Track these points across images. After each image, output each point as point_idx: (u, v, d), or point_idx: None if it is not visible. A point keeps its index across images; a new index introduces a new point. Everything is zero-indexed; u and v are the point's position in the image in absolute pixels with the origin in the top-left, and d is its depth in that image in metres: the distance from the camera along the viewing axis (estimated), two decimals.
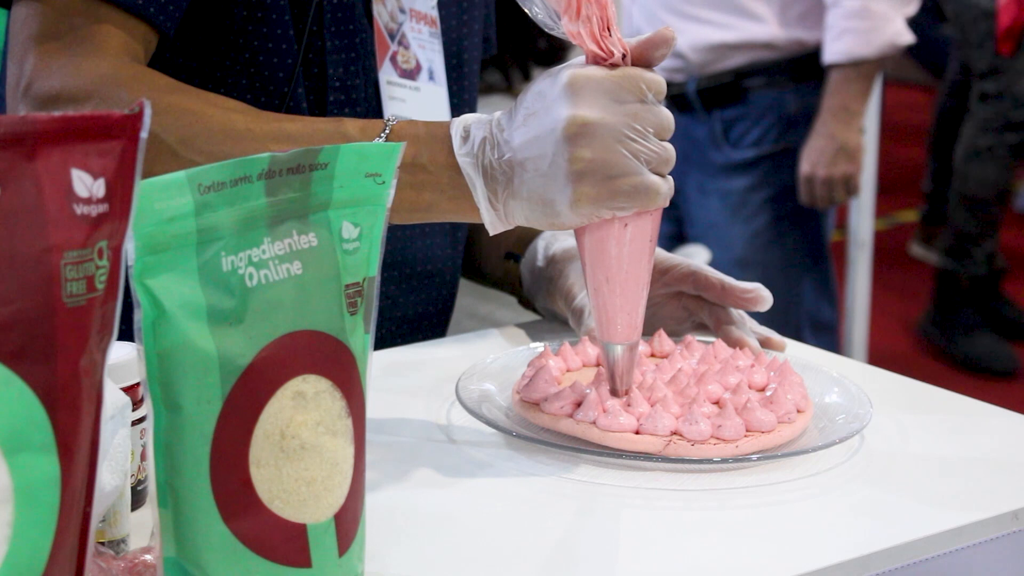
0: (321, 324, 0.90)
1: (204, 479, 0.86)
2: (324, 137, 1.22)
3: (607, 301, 1.20)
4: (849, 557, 1.04)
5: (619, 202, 1.16)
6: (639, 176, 1.16)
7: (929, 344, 4.34)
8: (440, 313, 1.57)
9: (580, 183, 1.16)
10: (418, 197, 1.21)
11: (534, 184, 1.17)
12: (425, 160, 1.20)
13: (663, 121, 1.17)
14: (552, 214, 1.18)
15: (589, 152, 1.15)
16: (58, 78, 1.24)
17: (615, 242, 1.18)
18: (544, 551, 1.05)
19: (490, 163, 1.19)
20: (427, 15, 1.50)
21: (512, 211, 1.19)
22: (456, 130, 1.20)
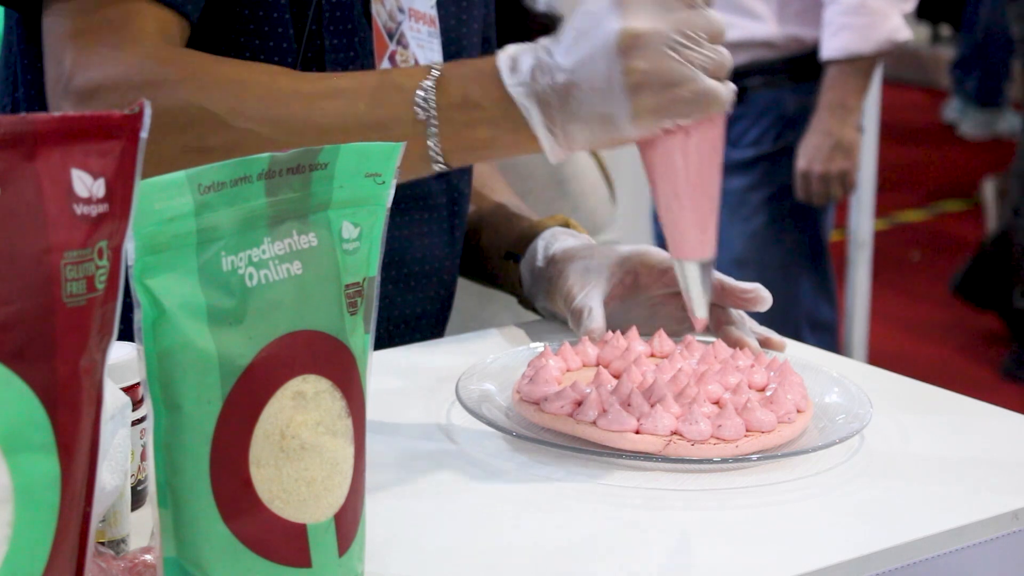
0: (321, 324, 0.90)
1: (204, 479, 0.86)
2: (372, 88, 1.22)
3: (677, 216, 1.20)
4: (849, 557, 1.04)
5: (680, 110, 1.16)
6: (697, 82, 1.16)
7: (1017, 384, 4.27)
8: (438, 313, 1.57)
9: (638, 95, 1.16)
10: (474, 135, 1.21)
11: (591, 102, 1.17)
12: (476, 96, 1.21)
13: (714, 25, 1.17)
14: (613, 130, 1.17)
15: (644, 63, 1.15)
16: (98, 70, 1.24)
17: (680, 153, 1.18)
18: (544, 551, 1.05)
19: (543, 89, 1.19)
20: (426, 15, 1.50)
21: (571, 134, 1.19)
22: (503, 62, 1.20)
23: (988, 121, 6.80)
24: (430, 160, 1.22)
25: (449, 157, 1.22)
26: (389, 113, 1.22)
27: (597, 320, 1.37)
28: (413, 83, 1.22)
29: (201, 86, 1.23)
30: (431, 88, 1.21)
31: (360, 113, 1.22)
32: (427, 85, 1.22)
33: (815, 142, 2.85)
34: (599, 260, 1.43)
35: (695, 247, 1.21)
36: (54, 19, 1.29)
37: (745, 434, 1.18)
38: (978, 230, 5.61)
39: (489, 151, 1.23)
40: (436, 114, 1.21)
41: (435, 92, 1.21)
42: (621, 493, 1.14)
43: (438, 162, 1.22)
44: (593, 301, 1.39)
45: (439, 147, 1.22)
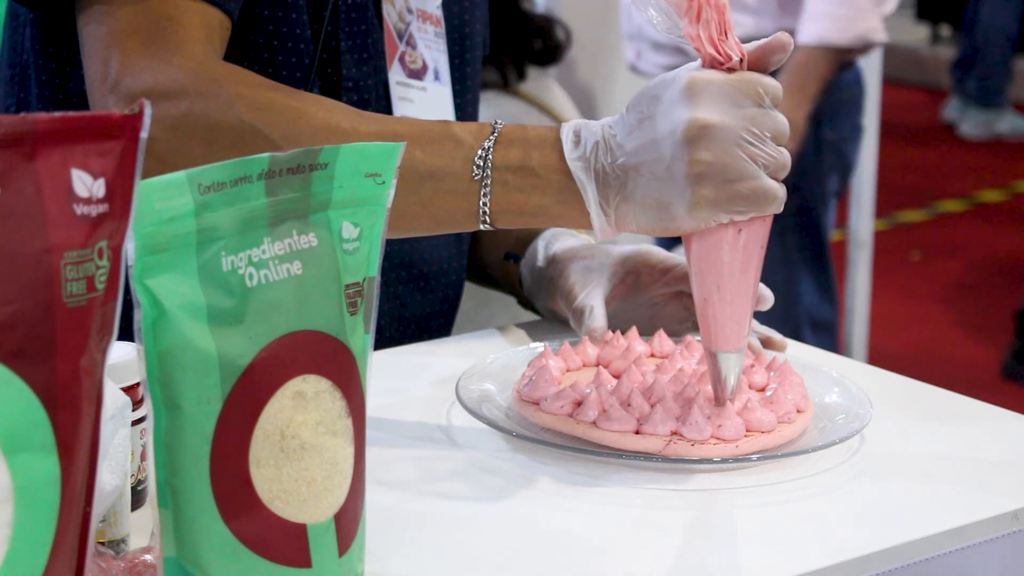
0: (321, 324, 0.90)
1: (204, 479, 0.86)
2: (431, 137, 1.22)
3: (717, 310, 1.19)
4: (849, 557, 1.04)
5: (738, 206, 1.16)
6: (758, 180, 1.16)
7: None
8: (446, 313, 1.57)
9: (699, 186, 1.15)
10: (527, 201, 1.21)
11: (650, 188, 1.17)
12: (535, 163, 1.20)
13: (780, 126, 1.17)
14: (667, 218, 1.17)
15: (709, 155, 1.15)
16: (149, 74, 1.23)
17: (728, 248, 1.17)
18: (544, 551, 1.05)
19: (602, 167, 1.19)
20: (432, 15, 1.50)
21: (623, 216, 1.19)
22: (567, 134, 1.20)
23: (988, 121, 6.80)
24: (477, 218, 1.22)
25: (496, 218, 1.22)
26: (446, 165, 1.21)
27: (598, 319, 1.37)
28: (474, 139, 1.22)
29: (257, 107, 1.22)
30: (491, 148, 1.21)
31: (417, 160, 1.21)
32: (487, 145, 1.21)
33: None
34: (600, 260, 1.43)
35: (731, 340, 1.20)
36: (94, 20, 1.27)
37: (745, 434, 1.18)
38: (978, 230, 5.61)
39: (537, 219, 1.22)
40: (492, 174, 1.21)
41: (494, 152, 1.21)
42: (621, 493, 1.14)
43: (485, 222, 1.22)
44: (594, 300, 1.39)
45: (489, 207, 1.21)
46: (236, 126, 1.22)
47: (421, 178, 1.21)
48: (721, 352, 1.20)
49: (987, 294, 4.95)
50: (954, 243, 5.48)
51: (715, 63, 1.17)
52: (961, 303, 4.86)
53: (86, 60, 1.28)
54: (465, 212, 1.22)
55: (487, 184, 1.21)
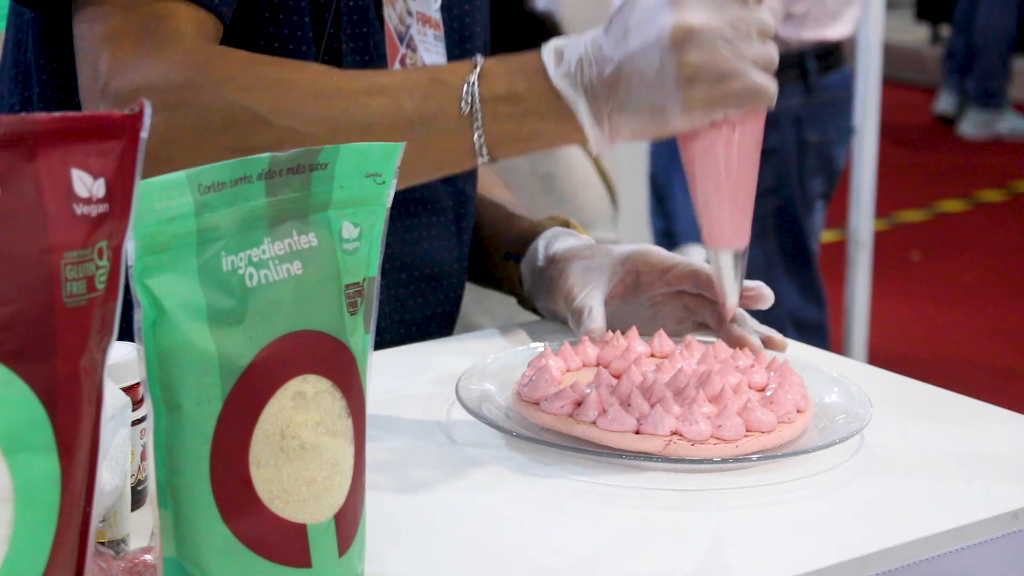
0: (321, 324, 0.90)
1: (204, 479, 0.86)
2: (417, 84, 1.24)
3: (716, 208, 1.23)
4: (849, 557, 1.04)
5: (731, 103, 1.19)
6: (748, 76, 1.19)
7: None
8: (448, 315, 1.57)
9: (691, 88, 1.18)
10: (519, 128, 1.23)
11: (642, 94, 1.19)
12: (521, 89, 1.22)
13: (764, 23, 1.21)
14: (662, 122, 1.20)
15: (698, 56, 1.18)
16: (136, 73, 1.24)
17: (724, 145, 1.21)
18: (544, 551, 1.05)
19: (590, 81, 1.21)
20: (432, 18, 1.50)
21: (618, 125, 1.21)
22: (548, 54, 1.22)
23: (988, 121, 6.80)
24: (475, 154, 1.24)
25: (494, 150, 1.24)
26: (435, 108, 1.23)
27: (597, 320, 1.37)
28: (458, 78, 1.23)
29: (243, 86, 1.23)
30: (475, 82, 1.23)
31: (405, 109, 1.23)
32: (471, 80, 1.23)
33: None
34: (600, 260, 1.43)
35: (730, 237, 1.24)
36: (87, 22, 1.28)
37: (745, 434, 1.18)
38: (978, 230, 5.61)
39: (534, 143, 1.25)
40: (481, 107, 1.23)
41: (479, 86, 1.23)
42: (621, 493, 1.14)
43: (483, 155, 1.24)
44: (594, 301, 1.39)
45: (484, 140, 1.23)
46: (224, 108, 1.22)
47: (413, 125, 1.23)
48: (720, 250, 1.24)
49: (987, 294, 4.95)
50: (954, 243, 5.48)
51: None
52: (961, 303, 4.86)
53: (78, 64, 1.28)
54: (462, 150, 1.24)
55: (478, 118, 1.23)
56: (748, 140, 1.21)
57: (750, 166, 1.22)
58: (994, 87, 6.80)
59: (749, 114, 1.21)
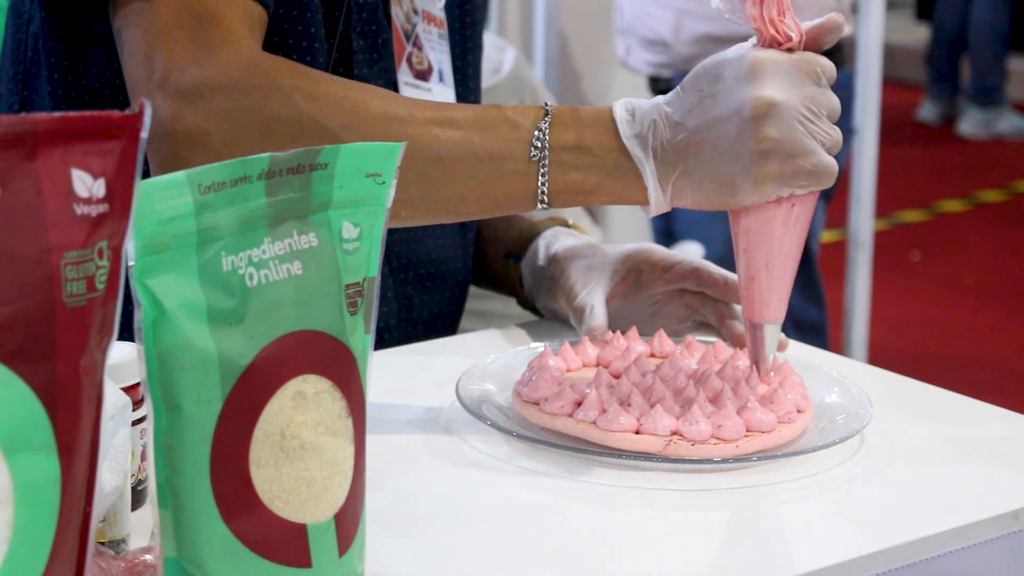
0: (321, 324, 0.90)
1: (204, 479, 0.86)
2: (487, 122, 1.24)
3: (763, 283, 1.24)
4: (849, 557, 1.04)
5: (800, 180, 1.20)
6: (818, 155, 1.20)
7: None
8: (452, 314, 1.57)
9: (765, 162, 1.19)
10: (583, 180, 1.23)
11: (713, 164, 1.20)
12: (590, 142, 1.23)
13: (834, 104, 1.22)
14: (728, 193, 1.21)
15: (775, 131, 1.19)
16: (197, 69, 1.23)
17: (781, 222, 1.22)
18: (544, 551, 1.05)
19: (660, 144, 1.22)
20: (436, 17, 1.50)
21: (680, 191, 1.22)
22: (620, 113, 1.23)
23: (988, 120, 6.80)
24: (536, 199, 1.24)
25: (555, 198, 1.24)
26: (504, 148, 1.23)
27: (599, 318, 1.37)
28: (529, 122, 1.24)
29: (313, 98, 1.23)
30: (547, 129, 1.23)
31: (475, 145, 1.23)
32: (543, 126, 1.23)
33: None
34: (601, 259, 1.43)
35: (773, 312, 1.25)
36: (134, 16, 1.27)
37: (745, 434, 1.18)
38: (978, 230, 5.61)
39: (594, 196, 1.25)
40: (549, 155, 1.23)
41: (550, 132, 1.23)
42: (621, 493, 1.14)
43: (543, 202, 1.24)
44: (595, 299, 1.39)
45: (547, 187, 1.23)
46: (294, 118, 1.22)
47: (480, 161, 1.23)
48: (767, 323, 1.25)
49: (987, 294, 4.95)
50: (954, 243, 5.48)
51: (775, 42, 1.21)
52: (961, 303, 4.86)
53: (126, 58, 1.27)
54: (523, 193, 1.24)
55: (545, 164, 1.23)
56: (804, 218, 1.23)
57: (800, 245, 1.24)
58: (991, 85, 6.80)
59: (811, 194, 1.22)
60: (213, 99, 1.21)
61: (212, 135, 1.20)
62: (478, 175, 1.23)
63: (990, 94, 6.81)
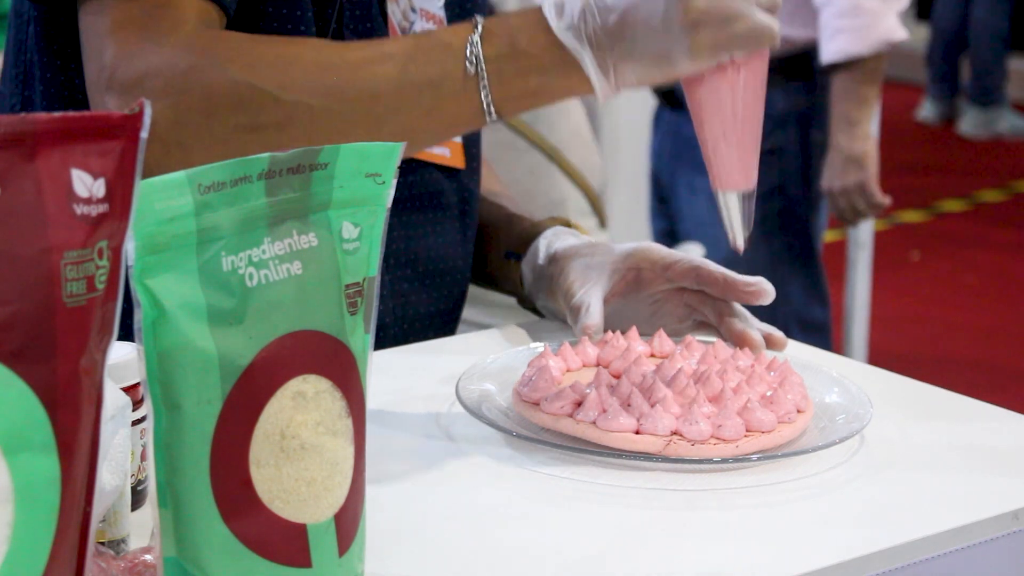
0: (321, 324, 0.90)
1: (204, 479, 0.86)
2: (420, 49, 1.24)
3: (723, 150, 1.24)
4: (849, 557, 1.04)
5: (737, 45, 1.20)
6: (753, 18, 1.20)
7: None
8: (451, 311, 1.57)
9: (697, 31, 1.19)
10: (525, 84, 1.24)
11: (647, 41, 1.21)
12: (524, 45, 1.24)
13: None
14: (668, 67, 1.21)
15: (702, 1, 1.19)
16: (141, 60, 1.24)
17: (729, 87, 1.22)
18: (544, 551, 1.05)
19: (594, 31, 1.22)
20: (435, 15, 1.50)
21: (623, 73, 1.22)
22: (548, 8, 1.23)
23: (988, 120, 6.80)
24: (484, 113, 1.25)
25: (502, 108, 1.25)
26: (439, 71, 1.24)
27: (594, 316, 1.37)
28: (460, 39, 1.24)
29: (247, 64, 1.24)
30: (478, 42, 1.24)
31: (411, 74, 1.24)
32: (474, 39, 1.24)
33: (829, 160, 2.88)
34: (601, 258, 1.43)
35: (738, 179, 1.25)
36: (91, 15, 1.28)
37: (745, 434, 1.18)
38: (978, 230, 5.61)
39: (540, 98, 1.26)
40: (485, 66, 1.24)
41: (483, 45, 1.24)
42: (621, 493, 1.14)
43: (491, 114, 1.25)
44: (592, 297, 1.39)
45: (491, 99, 1.24)
46: (231, 88, 1.23)
47: (420, 89, 1.24)
48: (728, 192, 1.25)
49: (987, 294, 4.96)
50: (954, 243, 5.48)
51: None
52: (961, 303, 4.86)
53: (84, 57, 1.28)
54: (470, 110, 1.25)
55: (484, 78, 1.23)
56: (753, 81, 1.23)
57: (756, 107, 1.24)
58: (991, 85, 6.81)
59: (754, 55, 1.22)
60: (151, 84, 1.23)
61: (157, 123, 1.21)
62: (421, 103, 1.24)
63: (990, 94, 6.82)
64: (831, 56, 2.85)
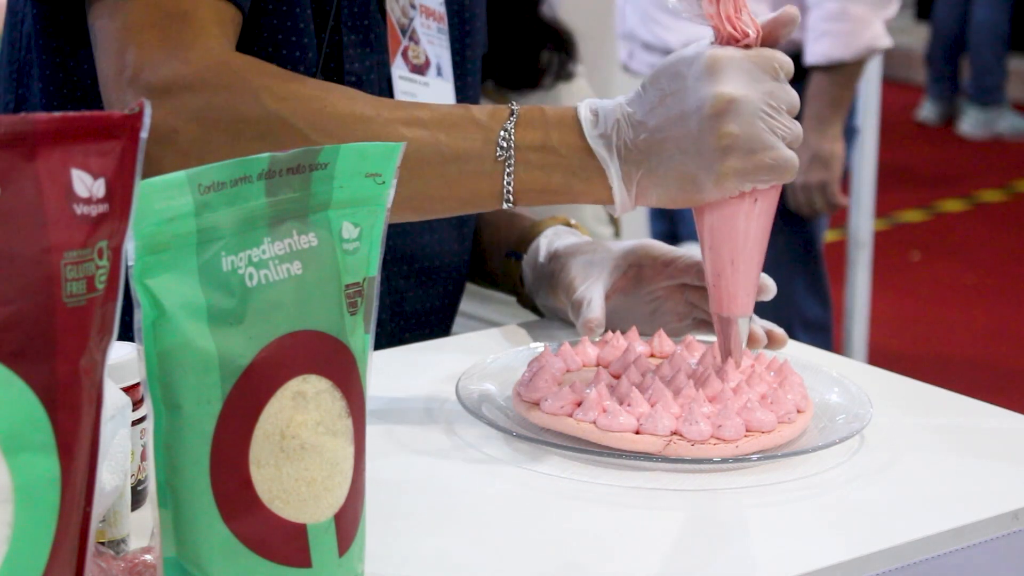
0: (321, 324, 0.90)
1: (204, 479, 0.86)
2: (453, 121, 1.25)
3: (730, 278, 1.25)
4: (849, 557, 1.04)
5: (762, 175, 1.21)
6: (778, 150, 1.21)
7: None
8: (447, 308, 1.57)
9: (727, 158, 1.20)
10: (548, 180, 1.25)
11: (675, 162, 1.22)
12: (555, 142, 1.24)
13: (793, 99, 1.23)
14: (692, 190, 1.22)
15: (736, 127, 1.20)
16: (167, 67, 1.24)
17: (744, 217, 1.23)
18: (544, 551, 1.05)
19: (624, 144, 1.23)
20: (436, 11, 1.51)
21: (646, 190, 1.23)
22: (584, 113, 1.24)
23: (988, 120, 6.80)
24: (502, 197, 1.25)
25: (520, 197, 1.25)
26: (469, 147, 1.25)
27: (596, 310, 1.37)
28: (495, 121, 1.25)
29: (281, 97, 1.24)
30: (512, 129, 1.24)
31: (441, 144, 1.24)
32: (509, 126, 1.24)
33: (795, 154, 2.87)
34: (602, 255, 1.44)
35: (741, 306, 1.26)
36: (107, 13, 1.28)
37: (745, 434, 1.18)
38: (978, 230, 5.61)
39: (559, 196, 1.26)
40: (515, 154, 1.24)
41: (516, 131, 1.24)
42: (621, 493, 1.14)
43: (508, 201, 1.25)
44: (594, 292, 1.39)
45: (513, 186, 1.25)
46: (262, 117, 1.23)
47: (446, 161, 1.24)
48: (732, 316, 1.26)
49: (987, 294, 4.95)
50: (954, 243, 5.48)
51: (731, 39, 1.22)
52: (961, 303, 4.86)
53: (99, 55, 1.28)
54: (489, 192, 1.25)
55: (510, 164, 1.24)
56: (767, 212, 1.24)
57: (765, 237, 1.25)
58: (991, 85, 6.80)
59: (773, 188, 1.23)
60: (182, 97, 1.23)
61: (180, 133, 1.21)
62: (444, 174, 1.24)
63: (990, 94, 6.81)
64: (814, 59, 2.85)
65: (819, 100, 2.87)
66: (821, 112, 2.87)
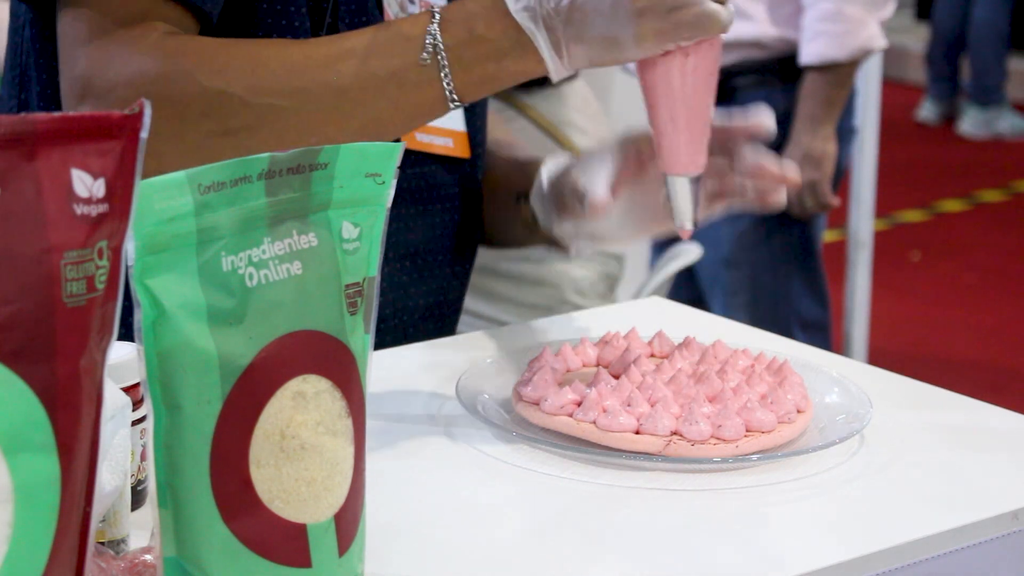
0: (321, 324, 0.90)
1: (204, 479, 0.86)
2: (381, 43, 1.27)
3: (672, 135, 1.26)
4: (849, 557, 1.04)
5: (682, 33, 1.23)
6: (699, 6, 1.22)
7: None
8: (449, 304, 1.57)
9: (643, 19, 1.22)
10: (484, 70, 1.27)
11: (597, 25, 1.24)
12: (482, 30, 1.26)
13: None
14: (616, 51, 1.24)
15: None
16: (113, 70, 1.25)
17: (679, 74, 1.25)
18: (544, 551, 1.05)
19: (548, 13, 1.25)
20: (434, 6, 1.50)
21: (575, 54, 1.26)
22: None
23: (988, 120, 6.80)
24: (446, 100, 1.27)
25: (463, 94, 1.27)
26: (400, 63, 1.27)
27: (600, 192, 1.34)
28: (419, 29, 1.27)
29: (216, 70, 1.25)
30: (437, 31, 1.26)
31: (373, 68, 1.27)
32: (432, 29, 1.27)
33: (787, 153, 2.87)
34: (599, 148, 1.43)
35: (686, 163, 1.28)
36: (69, 23, 1.29)
37: (745, 434, 1.18)
38: (978, 230, 5.61)
39: (499, 81, 1.28)
40: (445, 55, 1.26)
41: (441, 34, 1.26)
42: (621, 493, 1.14)
43: (454, 101, 1.27)
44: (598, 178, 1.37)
45: (453, 86, 1.27)
46: (201, 95, 1.25)
47: (384, 83, 1.27)
48: (676, 176, 1.27)
49: (987, 294, 4.96)
50: (954, 243, 5.48)
51: None
52: (961, 303, 4.86)
53: (60, 65, 1.30)
54: (433, 99, 1.28)
55: (444, 67, 1.26)
56: (702, 68, 1.25)
57: (706, 93, 1.25)
58: (991, 85, 6.81)
59: (704, 42, 1.24)
60: (124, 94, 1.24)
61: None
62: (387, 95, 1.27)
63: (990, 94, 6.82)
64: (809, 58, 2.86)
65: (813, 100, 2.87)
66: (814, 112, 2.87)
